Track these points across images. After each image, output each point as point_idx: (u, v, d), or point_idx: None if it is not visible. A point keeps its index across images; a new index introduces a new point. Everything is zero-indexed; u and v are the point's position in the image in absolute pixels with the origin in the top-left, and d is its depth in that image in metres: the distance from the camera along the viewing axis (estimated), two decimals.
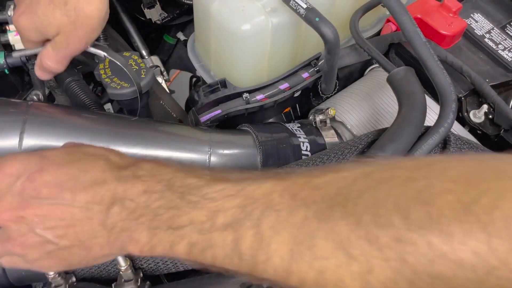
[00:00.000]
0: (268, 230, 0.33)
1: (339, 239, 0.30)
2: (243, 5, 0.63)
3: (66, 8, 0.52)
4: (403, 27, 0.61)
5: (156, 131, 0.62)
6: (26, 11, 0.54)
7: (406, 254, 0.28)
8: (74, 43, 0.55)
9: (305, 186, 0.34)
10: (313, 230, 0.31)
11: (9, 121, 0.55)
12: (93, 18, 0.54)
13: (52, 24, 0.53)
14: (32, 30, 0.55)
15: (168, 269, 0.55)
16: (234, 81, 0.68)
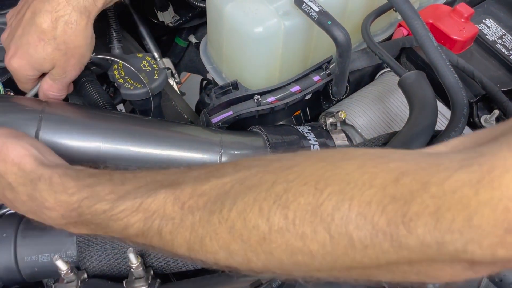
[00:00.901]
0: (169, 235, 0.40)
1: (221, 241, 0.37)
2: (256, 8, 0.64)
3: (56, 42, 0.56)
4: (415, 32, 0.62)
5: (168, 131, 0.63)
6: (18, 52, 0.58)
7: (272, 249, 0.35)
8: (70, 71, 0.60)
9: (192, 194, 0.39)
10: (200, 233, 0.38)
11: (26, 119, 0.56)
12: (82, 47, 0.58)
13: (47, 59, 0.57)
14: (27, 69, 0.59)
15: (178, 268, 0.56)
16: (245, 83, 0.69)
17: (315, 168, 0.35)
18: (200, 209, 0.38)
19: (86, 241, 0.54)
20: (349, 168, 0.34)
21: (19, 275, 0.54)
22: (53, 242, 0.55)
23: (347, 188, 0.33)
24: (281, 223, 0.34)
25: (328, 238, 0.33)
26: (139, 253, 0.53)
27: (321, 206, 0.33)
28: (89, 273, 0.54)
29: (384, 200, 0.31)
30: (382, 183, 0.32)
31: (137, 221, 0.41)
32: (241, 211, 0.36)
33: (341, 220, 0.32)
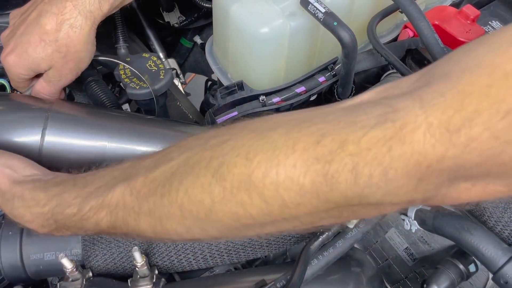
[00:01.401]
0: (133, 222, 0.43)
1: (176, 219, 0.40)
2: (262, 9, 0.64)
3: (57, 44, 0.57)
4: (421, 33, 0.62)
5: (173, 131, 0.63)
6: (16, 50, 0.58)
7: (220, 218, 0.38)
8: (66, 75, 0.60)
9: (145, 182, 0.42)
10: (158, 216, 0.41)
11: (32, 117, 0.56)
12: (82, 51, 0.59)
13: (45, 60, 0.58)
14: (22, 68, 0.58)
15: (182, 267, 0.56)
16: (251, 83, 0.69)
17: (246, 139, 0.37)
18: (152, 194, 0.41)
19: (91, 239, 0.54)
20: (275, 135, 0.36)
21: (24, 273, 0.54)
22: (59, 241, 0.55)
23: (273, 154, 0.35)
24: (221, 195, 0.37)
25: (263, 202, 0.36)
26: (144, 252, 0.53)
27: (252, 175, 0.35)
28: (94, 271, 0.54)
29: (307, 162, 0.34)
30: (304, 146, 0.34)
31: (104, 216, 0.44)
32: (186, 190, 0.39)
33: (271, 185, 0.35)
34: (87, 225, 0.46)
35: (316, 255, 0.51)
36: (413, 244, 0.64)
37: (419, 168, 0.31)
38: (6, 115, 0.56)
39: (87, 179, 0.48)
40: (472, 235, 0.51)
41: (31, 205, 0.48)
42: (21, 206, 0.49)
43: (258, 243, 0.55)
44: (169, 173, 0.41)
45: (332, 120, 0.35)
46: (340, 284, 0.56)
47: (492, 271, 0.50)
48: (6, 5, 0.74)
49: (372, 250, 0.68)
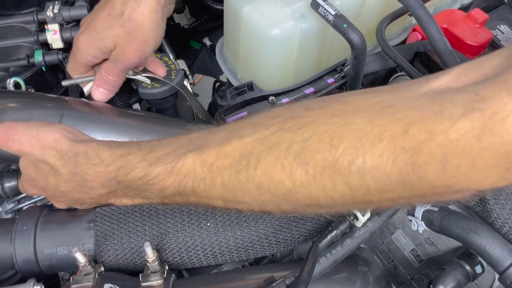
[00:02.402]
0: (203, 193, 0.44)
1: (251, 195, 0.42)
2: (273, 11, 0.65)
3: (123, 18, 0.56)
4: (430, 36, 0.62)
5: (184, 129, 0.64)
6: (86, 29, 0.59)
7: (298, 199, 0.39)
8: (129, 55, 0.59)
9: (218, 156, 0.42)
10: (231, 189, 0.42)
11: (48, 115, 0.57)
12: (146, 28, 0.58)
13: (110, 36, 0.58)
14: (90, 47, 0.59)
15: (192, 264, 0.56)
16: (260, 84, 0.70)
17: (328, 125, 0.37)
18: (227, 168, 0.42)
19: (103, 235, 0.55)
20: (360, 122, 0.36)
21: (37, 267, 0.55)
22: (72, 235, 0.56)
23: (359, 143, 0.35)
24: (303, 178, 0.38)
25: (347, 189, 0.37)
26: (155, 248, 0.54)
27: (337, 162, 0.36)
28: (106, 266, 0.55)
29: (394, 151, 0.34)
30: (391, 136, 0.34)
31: (172, 184, 0.45)
32: (266, 169, 0.40)
33: (357, 173, 0.36)
34: (151, 189, 0.47)
35: (325, 253, 0.51)
36: (420, 245, 0.65)
37: (508, 158, 0.31)
38: (22, 112, 0.57)
39: (152, 144, 0.48)
40: (479, 236, 0.52)
41: (95, 163, 0.48)
42: (85, 163, 0.48)
43: (267, 241, 0.56)
44: (244, 149, 0.41)
45: (417, 107, 0.35)
46: (347, 283, 0.56)
47: (499, 272, 0.50)
48: (21, 5, 0.75)
49: (378, 251, 0.68)
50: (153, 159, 0.46)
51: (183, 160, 0.44)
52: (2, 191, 0.66)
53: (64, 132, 0.51)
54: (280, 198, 0.40)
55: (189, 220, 0.55)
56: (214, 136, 0.44)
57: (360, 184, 0.36)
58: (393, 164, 0.34)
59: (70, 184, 0.50)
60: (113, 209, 0.57)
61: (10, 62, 0.71)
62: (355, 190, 0.37)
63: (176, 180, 0.45)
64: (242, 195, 0.42)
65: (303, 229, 0.57)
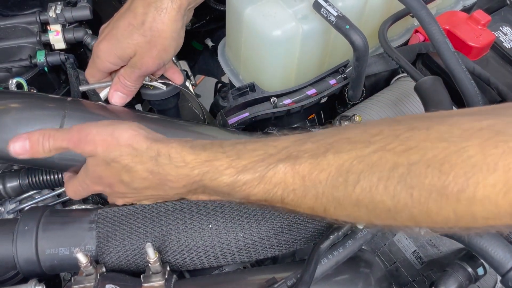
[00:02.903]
0: (291, 202, 0.44)
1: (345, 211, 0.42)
2: (275, 12, 0.65)
3: (143, 28, 0.57)
4: (432, 37, 0.62)
5: (187, 131, 0.64)
6: (107, 37, 0.59)
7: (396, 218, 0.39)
8: (148, 62, 0.60)
9: (312, 169, 0.42)
10: (324, 203, 0.42)
11: (49, 115, 0.57)
12: (166, 38, 0.58)
13: (130, 45, 0.58)
14: (110, 55, 0.59)
15: (194, 265, 0.56)
16: (262, 85, 0.70)
17: (437, 150, 0.37)
18: (322, 183, 0.42)
19: (105, 236, 0.55)
20: (471, 150, 0.35)
21: (39, 267, 0.55)
22: (73, 236, 0.56)
23: (471, 172, 0.35)
24: (406, 200, 0.38)
25: (452, 215, 0.37)
26: (157, 249, 0.54)
27: (447, 188, 0.36)
28: (108, 267, 0.55)
29: (507, 183, 0.34)
30: (505, 166, 0.34)
31: (259, 191, 0.45)
32: (366, 188, 0.39)
33: (466, 201, 0.35)
34: (236, 195, 0.46)
35: (326, 254, 0.51)
36: (421, 247, 0.65)
37: None
38: (24, 113, 0.57)
39: (238, 149, 0.47)
40: (481, 237, 0.51)
41: (180, 165, 0.48)
42: (167, 163, 0.48)
43: (268, 243, 0.56)
44: (342, 166, 0.41)
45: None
46: (349, 284, 0.56)
47: (501, 274, 0.50)
48: (24, 6, 0.76)
49: (380, 253, 0.68)
50: (241, 166, 0.46)
51: (273, 170, 0.44)
52: (4, 192, 0.66)
53: (139, 129, 0.51)
54: (377, 216, 0.40)
55: (191, 221, 0.55)
56: (306, 147, 0.44)
57: (467, 212, 0.36)
58: (505, 196, 0.34)
59: (147, 181, 0.50)
60: (115, 210, 0.57)
61: (13, 63, 0.71)
62: (460, 216, 0.37)
63: (265, 188, 0.44)
64: (334, 210, 0.42)
65: (304, 231, 0.57)
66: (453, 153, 0.36)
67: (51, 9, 0.73)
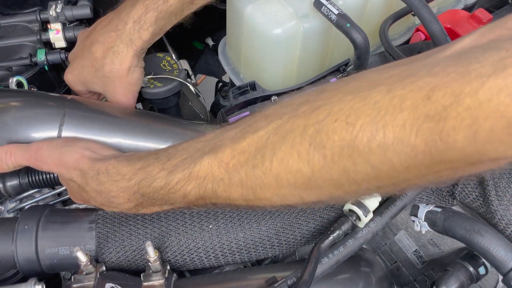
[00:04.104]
0: (223, 193, 0.43)
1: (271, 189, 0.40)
2: (275, 10, 0.65)
3: (103, 70, 0.62)
4: (434, 36, 0.62)
5: (186, 129, 0.64)
6: (74, 70, 0.65)
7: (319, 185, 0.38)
8: (122, 99, 0.65)
9: (233, 154, 0.42)
10: (250, 186, 0.41)
11: (50, 114, 0.57)
12: (126, 76, 0.63)
13: (98, 84, 0.64)
14: (79, 85, 0.66)
15: (194, 265, 0.56)
16: (263, 83, 0.70)
17: (343, 103, 0.35)
18: (243, 165, 0.41)
19: (105, 236, 0.55)
20: (377, 95, 0.33)
21: (39, 266, 0.55)
22: (73, 236, 0.56)
23: (378, 116, 0.33)
24: (321, 162, 0.36)
25: (369, 168, 0.34)
26: (157, 248, 0.54)
27: (356, 139, 0.34)
28: (108, 267, 0.55)
29: (418, 120, 0.31)
30: (413, 104, 0.31)
31: (193, 189, 0.44)
32: (282, 160, 0.38)
33: (378, 148, 0.33)
34: (174, 198, 0.46)
35: (327, 254, 0.51)
36: (423, 246, 0.64)
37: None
38: (24, 111, 0.57)
39: (169, 152, 0.48)
40: (483, 236, 0.51)
41: (117, 179, 0.49)
42: (107, 180, 0.49)
43: (269, 243, 0.56)
44: (259, 143, 0.40)
45: (440, 72, 0.32)
46: (349, 284, 0.56)
47: (502, 273, 0.50)
48: (24, 4, 0.76)
49: (381, 252, 0.68)
50: (172, 166, 0.46)
51: (199, 163, 0.44)
52: (4, 190, 0.66)
53: (84, 151, 0.53)
54: (301, 187, 0.38)
55: (191, 222, 0.55)
56: (228, 134, 0.43)
57: (383, 161, 0.33)
58: (418, 134, 0.31)
59: (98, 200, 0.52)
60: (115, 211, 0.57)
61: (13, 61, 0.71)
62: (378, 168, 0.34)
63: (196, 184, 0.44)
64: (261, 191, 0.41)
65: (305, 230, 0.57)
66: (359, 102, 0.34)
67: (51, 8, 0.73)
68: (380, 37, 0.71)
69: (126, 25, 0.61)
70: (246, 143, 0.41)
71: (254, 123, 0.42)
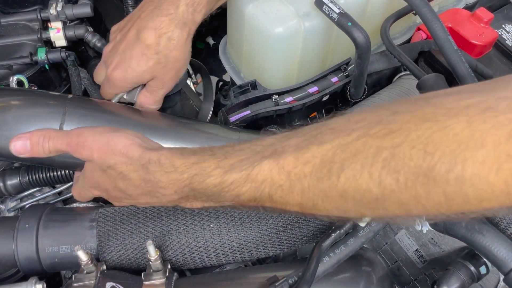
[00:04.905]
0: (280, 199, 0.43)
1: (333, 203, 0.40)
2: (277, 9, 0.64)
3: (158, 56, 0.60)
4: (435, 35, 0.62)
5: (188, 128, 0.64)
6: (120, 65, 0.62)
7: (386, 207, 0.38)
8: (167, 83, 0.64)
9: (296, 163, 0.41)
10: (312, 197, 0.41)
11: (50, 113, 0.57)
12: (181, 60, 0.62)
13: (147, 72, 0.62)
14: (127, 82, 0.63)
15: (195, 264, 0.56)
16: (264, 82, 0.70)
17: (421, 130, 0.35)
18: (307, 176, 0.40)
19: (106, 235, 0.55)
20: (457, 127, 0.33)
21: (39, 265, 0.55)
22: (74, 235, 0.56)
23: (458, 149, 0.33)
24: (393, 186, 0.36)
25: (443, 197, 0.34)
26: (158, 247, 0.54)
27: (433, 169, 0.34)
28: (108, 266, 0.55)
29: (499, 159, 0.31)
30: (494, 141, 0.31)
31: (248, 190, 0.44)
32: (351, 177, 0.38)
33: (455, 181, 0.33)
34: (226, 197, 0.46)
35: (328, 253, 0.51)
36: (423, 246, 0.64)
37: None
38: (25, 110, 0.57)
39: (226, 150, 0.47)
40: (484, 236, 0.51)
41: (169, 170, 0.48)
42: (158, 170, 0.48)
43: (270, 242, 0.56)
44: (325, 156, 0.39)
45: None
46: (350, 283, 0.56)
47: (504, 272, 0.50)
48: (25, 3, 0.75)
49: (381, 251, 0.68)
50: (228, 166, 0.45)
51: (259, 166, 0.43)
52: (5, 189, 0.66)
53: (134, 138, 0.51)
54: (366, 206, 0.39)
55: (192, 221, 0.55)
56: (290, 142, 0.43)
57: (458, 193, 0.34)
58: (498, 173, 0.31)
59: (140, 189, 0.51)
60: (116, 210, 0.57)
61: (13, 60, 0.71)
62: (451, 199, 0.34)
63: (252, 186, 0.44)
64: (322, 203, 0.41)
65: (306, 230, 0.57)
66: (438, 132, 0.34)
67: (52, 6, 0.73)
68: (381, 36, 0.70)
69: (178, 8, 0.59)
70: (310, 154, 0.41)
71: (319, 135, 0.41)
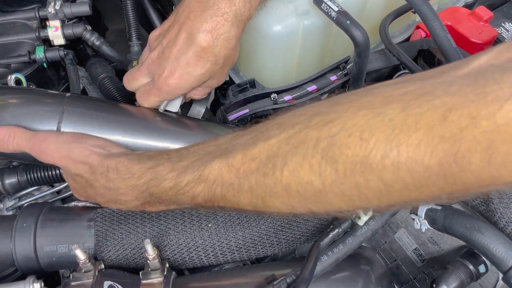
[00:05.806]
0: (232, 198, 0.43)
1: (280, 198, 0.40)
2: (275, 7, 0.64)
3: (216, 58, 0.58)
4: (434, 33, 0.62)
5: (186, 127, 0.64)
6: (175, 73, 0.58)
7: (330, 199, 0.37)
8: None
9: (244, 160, 0.41)
10: (260, 194, 0.41)
11: (48, 111, 0.57)
12: (235, 56, 0.61)
13: (205, 75, 0.59)
14: (184, 88, 0.60)
15: (193, 264, 0.56)
16: (262, 81, 0.70)
17: (357, 118, 0.35)
18: (254, 172, 0.41)
19: (104, 234, 0.55)
20: (392, 113, 0.33)
21: (37, 264, 0.55)
22: (72, 234, 0.55)
23: (392, 134, 0.32)
24: (333, 177, 0.36)
25: (382, 185, 0.34)
26: (156, 246, 0.54)
27: (369, 156, 0.33)
28: (106, 265, 0.55)
29: (433, 140, 0.31)
30: (428, 124, 0.31)
31: (202, 191, 0.44)
32: (293, 170, 0.38)
33: (391, 166, 0.33)
34: (182, 199, 0.46)
35: (326, 251, 0.51)
36: (422, 244, 0.64)
37: None
38: (23, 108, 0.57)
39: (180, 153, 0.47)
40: (483, 234, 0.51)
41: (126, 177, 0.48)
42: (116, 178, 0.49)
43: (268, 241, 0.56)
44: (270, 151, 0.39)
45: (457, 92, 0.31)
46: (349, 282, 0.56)
47: (503, 271, 0.50)
48: (23, 1, 0.75)
49: (380, 250, 0.68)
50: (182, 168, 0.46)
51: (210, 166, 0.43)
52: (3, 188, 0.66)
53: (94, 148, 0.52)
54: (310, 200, 0.38)
55: (190, 221, 0.55)
56: (240, 140, 0.43)
57: (396, 179, 0.33)
58: (432, 155, 0.31)
59: (106, 197, 0.51)
60: (114, 209, 0.57)
61: (12, 59, 0.71)
62: (390, 186, 0.34)
63: (206, 187, 0.44)
64: (271, 200, 0.40)
65: (304, 229, 0.57)
66: (373, 119, 0.34)
67: (50, 5, 0.72)
68: (380, 34, 0.70)
69: (233, 6, 0.56)
70: (257, 150, 0.41)
71: (267, 131, 0.41)
